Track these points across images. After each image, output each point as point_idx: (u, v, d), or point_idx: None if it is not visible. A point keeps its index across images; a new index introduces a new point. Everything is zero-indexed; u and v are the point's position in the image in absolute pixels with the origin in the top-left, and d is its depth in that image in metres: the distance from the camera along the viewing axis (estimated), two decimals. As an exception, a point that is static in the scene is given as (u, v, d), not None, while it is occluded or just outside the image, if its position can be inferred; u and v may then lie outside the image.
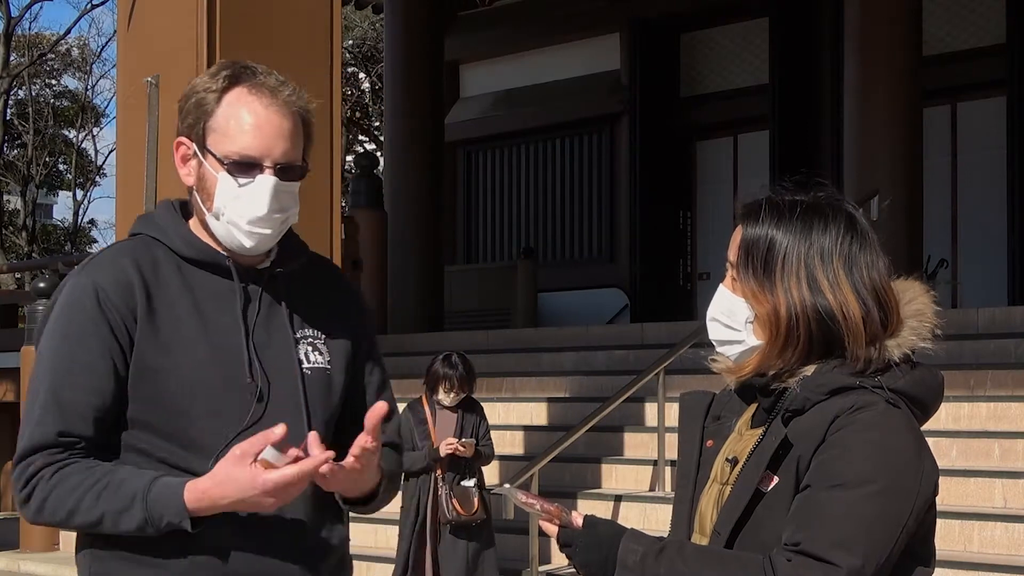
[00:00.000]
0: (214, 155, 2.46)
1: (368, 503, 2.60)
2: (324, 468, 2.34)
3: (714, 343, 2.32)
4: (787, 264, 2.21)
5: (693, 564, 2.15)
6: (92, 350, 2.41)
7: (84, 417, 2.40)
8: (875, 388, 2.16)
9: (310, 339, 2.57)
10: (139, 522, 2.36)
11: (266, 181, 2.44)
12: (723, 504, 2.24)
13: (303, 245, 2.64)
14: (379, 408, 2.39)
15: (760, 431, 2.26)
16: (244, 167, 2.45)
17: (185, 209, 2.59)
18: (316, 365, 2.55)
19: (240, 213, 2.46)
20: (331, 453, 2.34)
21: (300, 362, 2.53)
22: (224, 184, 2.46)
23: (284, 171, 2.47)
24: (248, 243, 2.48)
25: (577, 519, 2.25)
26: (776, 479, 2.17)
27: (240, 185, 2.45)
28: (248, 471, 2.30)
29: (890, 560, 2.11)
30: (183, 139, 2.52)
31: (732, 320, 2.27)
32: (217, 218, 2.48)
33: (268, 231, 2.48)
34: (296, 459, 2.31)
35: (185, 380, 2.42)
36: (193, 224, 2.56)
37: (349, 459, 2.39)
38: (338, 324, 2.62)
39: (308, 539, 2.52)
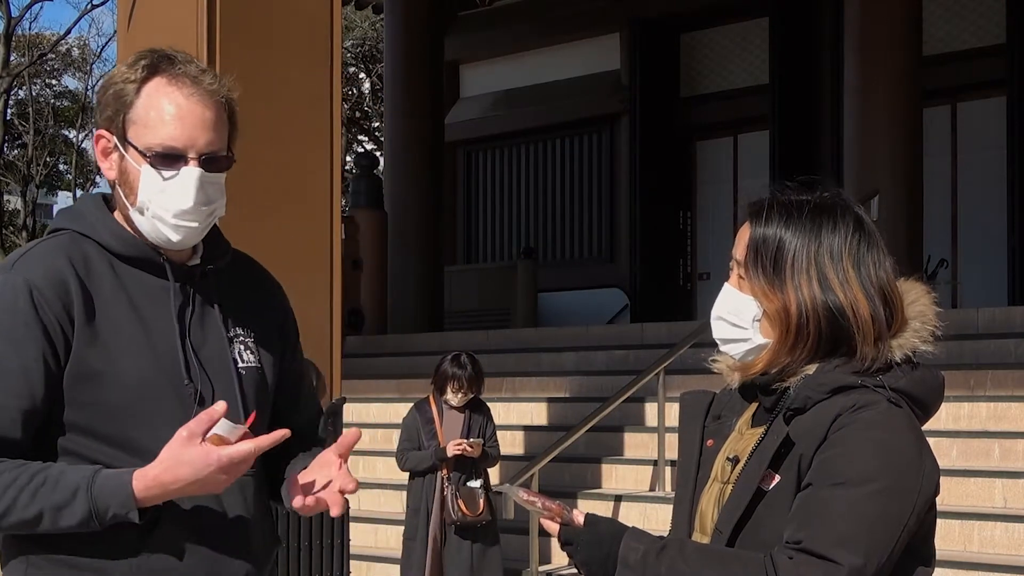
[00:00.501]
0: (136, 148, 2.40)
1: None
2: (313, 500, 2.39)
3: (719, 342, 2.32)
4: (797, 262, 2.22)
5: (694, 562, 2.15)
6: (25, 353, 2.32)
7: (14, 421, 2.32)
8: (877, 387, 2.17)
9: (241, 338, 2.53)
10: (82, 516, 2.27)
11: (191, 173, 2.38)
12: (724, 503, 2.25)
13: (227, 242, 2.59)
14: (351, 435, 2.42)
15: (761, 430, 2.26)
16: (168, 159, 2.38)
17: (109, 203, 2.51)
18: (249, 364, 2.53)
19: (165, 207, 2.39)
20: (286, 432, 2.33)
21: (235, 362, 2.50)
22: (148, 177, 2.39)
23: (209, 162, 2.40)
24: (175, 237, 2.42)
25: (578, 517, 2.25)
26: (778, 478, 2.18)
27: (165, 178, 2.38)
28: (200, 449, 2.25)
29: (891, 559, 2.11)
30: (103, 132, 2.45)
31: (739, 319, 2.27)
32: (141, 212, 2.42)
33: (195, 224, 2.41)
34: (244, 435, 2.28)
35: (127, 384, 2.37)
36: (118, 219, 2.48)
37: (338, 503, 2.40)
38: (266, 322, 2.60)
39: (253, 544, 2.49)
